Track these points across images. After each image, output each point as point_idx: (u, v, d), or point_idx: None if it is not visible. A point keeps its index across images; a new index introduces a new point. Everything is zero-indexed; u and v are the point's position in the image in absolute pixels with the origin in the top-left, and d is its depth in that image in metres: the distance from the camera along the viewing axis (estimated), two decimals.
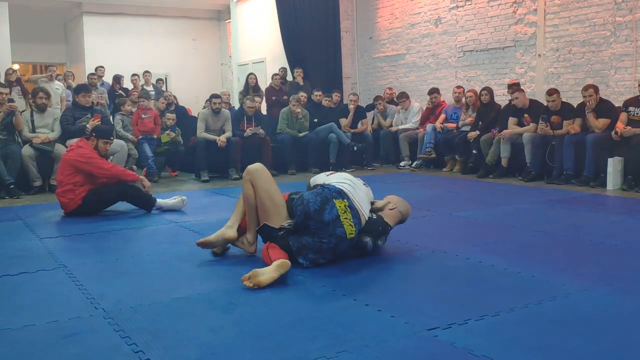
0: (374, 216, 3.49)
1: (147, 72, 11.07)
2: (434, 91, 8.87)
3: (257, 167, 3.46)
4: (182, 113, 9.27)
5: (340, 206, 3.23)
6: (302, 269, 3.24)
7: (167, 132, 8.03)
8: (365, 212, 3.41)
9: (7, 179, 6.30)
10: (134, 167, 7.63)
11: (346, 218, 3.23)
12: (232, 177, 7.72)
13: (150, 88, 10.70)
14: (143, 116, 7.94)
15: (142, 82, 10.84)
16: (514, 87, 7.60)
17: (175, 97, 9.86)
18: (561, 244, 3.82)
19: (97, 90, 9.79)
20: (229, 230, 3.49)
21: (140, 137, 7.77)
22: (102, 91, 10.00)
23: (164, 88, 11.65)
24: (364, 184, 3.61)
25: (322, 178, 3.57)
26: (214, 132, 7.88)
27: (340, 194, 3.31)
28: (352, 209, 3.30)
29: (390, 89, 10.03)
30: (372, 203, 3.60)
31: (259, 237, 3.52)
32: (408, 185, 6.91)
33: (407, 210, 3.69)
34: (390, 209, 3.59)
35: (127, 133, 7.75)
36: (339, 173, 3.72)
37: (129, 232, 4.52)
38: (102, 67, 10.58)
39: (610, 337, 2.29)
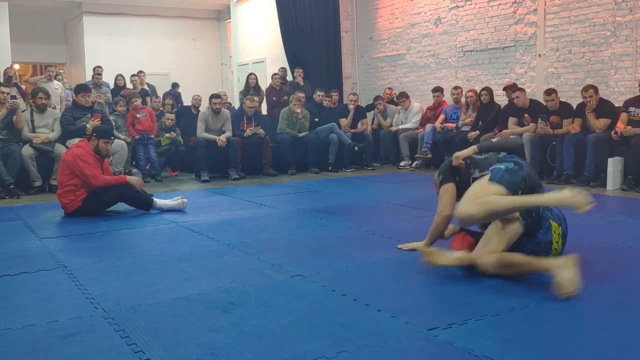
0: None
1: (141, 72, 11.01)
2: (438, 89, 8.87)
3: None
4: (188, 110, 9.24)
5: (555, 232, 3.06)
6: (300, 270, 3.24)
7: (167, 134, 8.03)
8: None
9: (7, 179, 6.29)
10: (134, 170, 7.62)
11: (556, 247, 3.08)
12: (232, 177, 7.71)
13: (145, 87, 10.70)
14: (138, 115, 7.91)
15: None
16: (513, 88, 7.59)
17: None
18: None
19: (101, 90, 9.77)
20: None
21: (137, 137, 7.75)
22: (105, 91, 9.97)
23: (179, 90, 11.73)
24: None
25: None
26: (214, 132, 7.88)
27: (559, 219, 3.12)
28: (564, 237, 3.12)
29: (390, 89, 10.03)
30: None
31: None
32: (408, 185, 6.89)
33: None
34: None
35: (120, 134, 7.63)
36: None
37: (129, 232, 4.52)
38: (100, 66, 10.58)
39: (610, 337, 2.29)
